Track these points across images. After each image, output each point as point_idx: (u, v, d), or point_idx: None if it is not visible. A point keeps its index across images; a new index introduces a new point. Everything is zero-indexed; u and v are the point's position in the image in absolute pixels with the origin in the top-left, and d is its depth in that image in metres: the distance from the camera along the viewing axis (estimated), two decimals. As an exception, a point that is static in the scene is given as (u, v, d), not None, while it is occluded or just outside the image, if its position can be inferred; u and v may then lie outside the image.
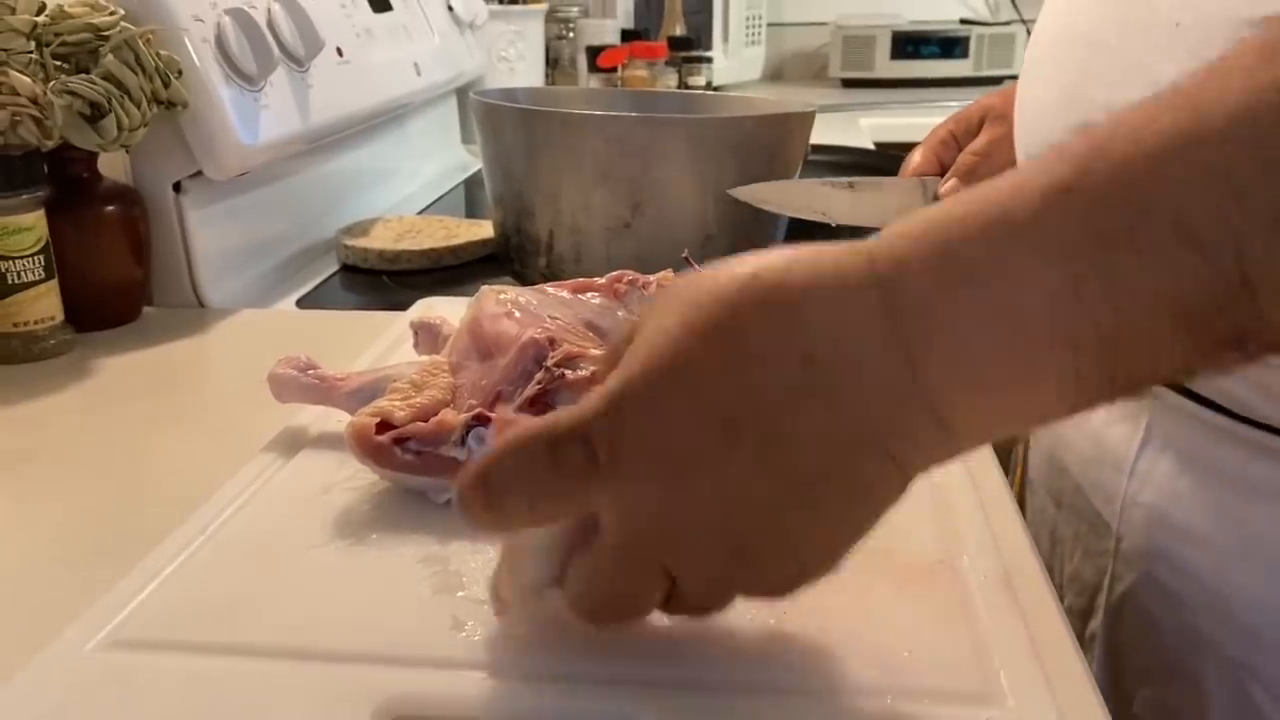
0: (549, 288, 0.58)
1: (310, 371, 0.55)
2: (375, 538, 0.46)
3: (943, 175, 0.83)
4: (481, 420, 0.48)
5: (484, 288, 0.58)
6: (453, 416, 0.49)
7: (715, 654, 0.38)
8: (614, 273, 0.59)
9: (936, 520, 0.47)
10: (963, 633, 0.40)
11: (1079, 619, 0.62)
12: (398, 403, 0.50)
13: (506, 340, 0.52)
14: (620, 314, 0.57)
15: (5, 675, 0.37)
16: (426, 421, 0.49)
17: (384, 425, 0.49)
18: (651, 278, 0.59)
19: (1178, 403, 0.53)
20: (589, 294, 0.58)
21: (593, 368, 0.48)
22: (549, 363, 0.49)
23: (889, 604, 0.41)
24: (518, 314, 0.53)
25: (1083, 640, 0.61)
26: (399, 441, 0.48)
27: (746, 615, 0.40)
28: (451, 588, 0.43)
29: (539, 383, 0.48)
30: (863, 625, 0.40)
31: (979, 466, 0.52)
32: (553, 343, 0.50)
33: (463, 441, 0.48)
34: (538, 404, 0.48)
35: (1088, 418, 0.60)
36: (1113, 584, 0.59)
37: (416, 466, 0.48)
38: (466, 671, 0.37)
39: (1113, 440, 0.58)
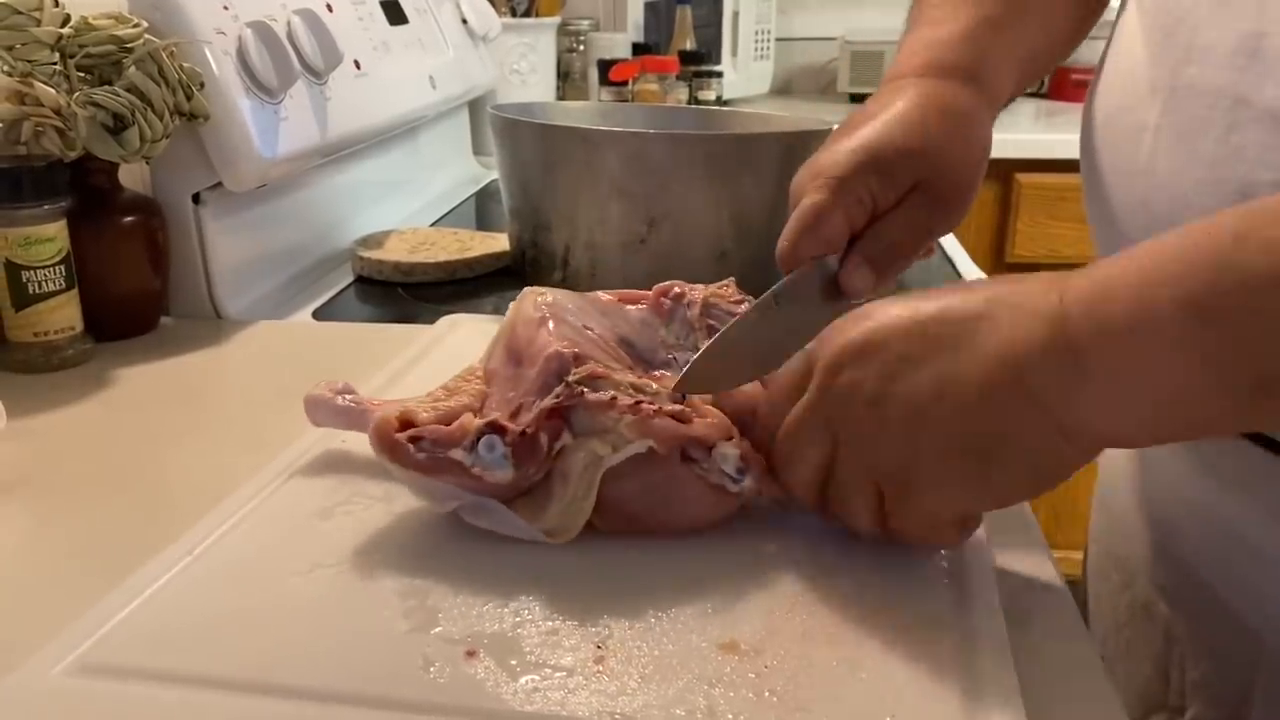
0: (598, 294, 0.58)
1: (348, 396, 0.55)
2: (359, 566, 0.46)
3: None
4: (495, 429, 0.47)
5: (527, 289, 0.57)
6: (471, 422, 0.48)
7: (695, 705, 0.37)
8: (662, 284, 0.58)
9: (951, 583, 0.45)
10: (954, 698, 0.38)
11: None
12: (426, 404, 0.50)
13: (536, 350, 0.51)
14: (660, 333, 0.56)
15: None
16: (449, 425, 0.48)
17: (406, 423, 0.48)
18: (698, 291, 0.57)
19: None
20: (635, 305, 0.58)
21: (613, 392, 0.48)
22: (571, 378, 0.49)
23: (880, 663, 0.40)
24: (552, 323, 0.53)
25: None
26: (415, 441, 0.47)
27: (727, 668, 0.39)
28: (426, 625, 0.42)
29: (557, 396, 0.48)
30: (848, 683, 0.38)
31: (1017, 532, 0.52)
32: (577, 359, 0.50)
33: (473, 447, 0.47)
34: (554, 418, 0.48)
35: (1217, 508, 0.54)
36: (1268, 697, 0.52)
37: (426, 466, 0.47)
38: (428, 716, 0.37)
39: (1254, 534, 0.52)
